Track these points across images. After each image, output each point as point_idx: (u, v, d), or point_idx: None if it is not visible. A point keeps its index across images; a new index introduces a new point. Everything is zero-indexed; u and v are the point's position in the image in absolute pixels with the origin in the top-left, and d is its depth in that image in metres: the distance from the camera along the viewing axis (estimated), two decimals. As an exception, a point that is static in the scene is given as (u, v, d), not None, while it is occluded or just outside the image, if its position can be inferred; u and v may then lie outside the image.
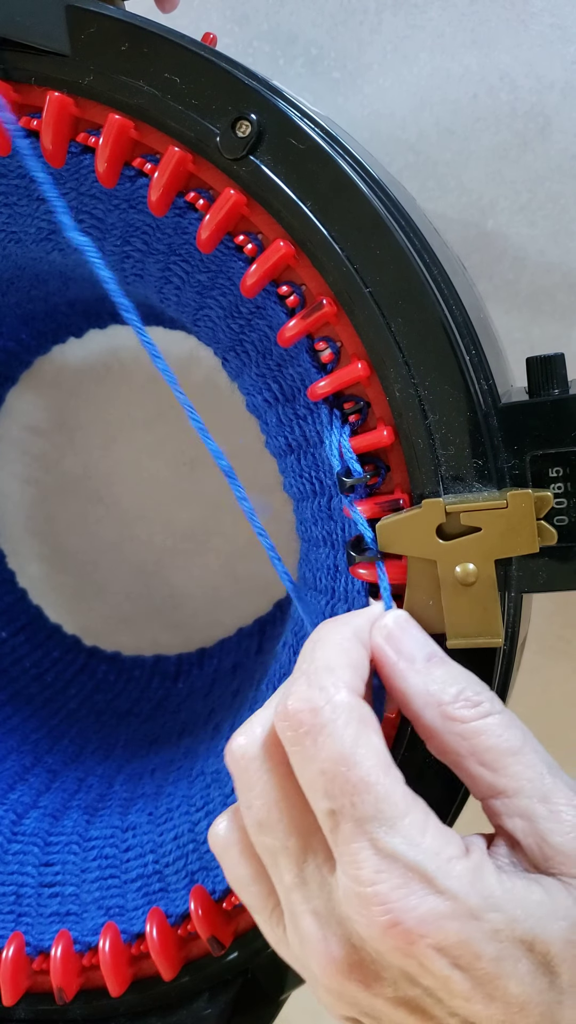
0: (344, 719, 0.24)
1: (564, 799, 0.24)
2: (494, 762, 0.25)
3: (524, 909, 0.23)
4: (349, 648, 0.26)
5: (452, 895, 0.22)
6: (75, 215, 0.32)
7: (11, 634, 0.53)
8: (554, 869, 0.24)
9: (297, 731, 0.24)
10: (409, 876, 0.22)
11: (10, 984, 0.34)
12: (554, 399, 0.27)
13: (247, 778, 0.26)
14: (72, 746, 0.47)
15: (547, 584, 0.28)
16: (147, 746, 0.47)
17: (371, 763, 0.23)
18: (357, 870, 0.23)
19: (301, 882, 0.24)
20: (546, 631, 0.47)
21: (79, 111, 0.30)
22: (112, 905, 0.35)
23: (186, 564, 0.55)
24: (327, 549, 0.34)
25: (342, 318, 0.28)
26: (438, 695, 0.25)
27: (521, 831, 0.24)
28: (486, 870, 0.23)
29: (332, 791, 0.23)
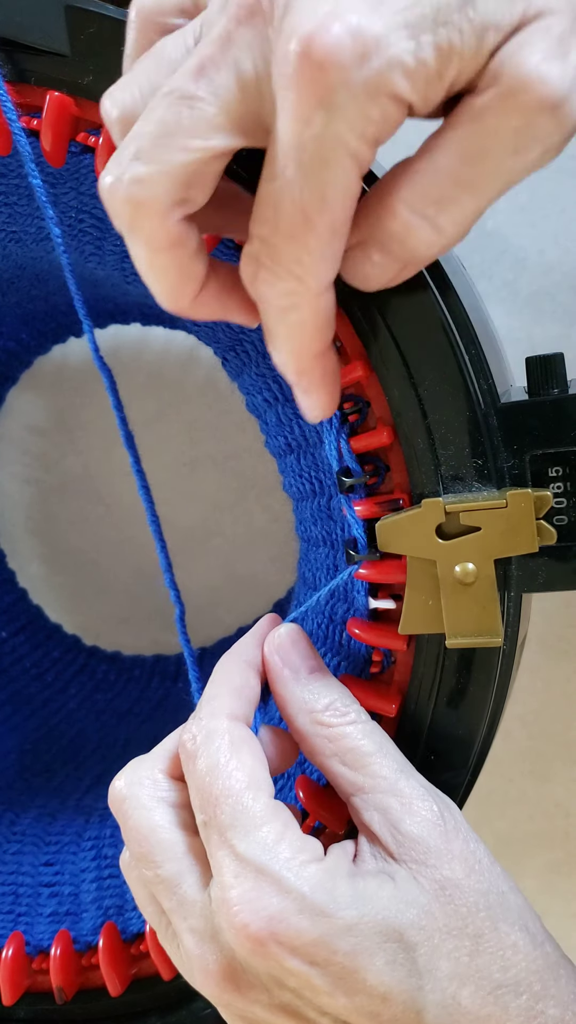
0: (217, 742, 0.26)
1: (415, 794, 0.26)
2: (354, 762, 0.27)
3: (375, 903, 0.24)
4: (231, 673, 0.29)
5: (299, 895, 0.24)
6: (75, 214, 0.32)
7: (11, 634, 0.53)
8: (406, 856, 0.25)
9: (184, 759, 0.27)
10: (260, 879, 0.24)
11: (10, 984, 0.34)
12: (553, 399, 0.27)
13: (120, 817, 0.28)
14: (72, 746, 0.47)
15: (547, 584, 0.28)
16: (147, 746, 0.47)
17: (236, 776, 0.26)
18: (220, 876, 0.25)
19: (178, 904, 0.26)
20: (546, 631, 0.47)
21: (79, 111, 0.30)
22: (111, 905, 0.35)
23: (186, 564, 0.55)
24: (326, 549, 0.34)
25: (341, 319, 0.28)
26: (311, 703, 0.28)
27: (377, 823, 0.26)
28: (338, 872, 0.25)
29: (201, 803, 0.26)
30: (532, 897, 0.48)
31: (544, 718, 0.49)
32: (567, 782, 0.50)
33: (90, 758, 0.46)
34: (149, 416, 0.53)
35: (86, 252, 0.34)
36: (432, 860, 0.25)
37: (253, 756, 0.27)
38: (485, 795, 0.51)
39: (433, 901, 0.25)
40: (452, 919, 0.24)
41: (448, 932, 0.24)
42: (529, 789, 0.51)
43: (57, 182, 0.32)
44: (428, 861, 0.25)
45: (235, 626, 0.54)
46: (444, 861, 0.25)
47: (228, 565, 0.54)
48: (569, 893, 0.51)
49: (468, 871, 0.25)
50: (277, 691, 0.29)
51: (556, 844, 0.51)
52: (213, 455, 0.53)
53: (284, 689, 0.29)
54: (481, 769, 0.30)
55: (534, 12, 0.20)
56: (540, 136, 0.21)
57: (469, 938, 0.24)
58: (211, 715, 0.27)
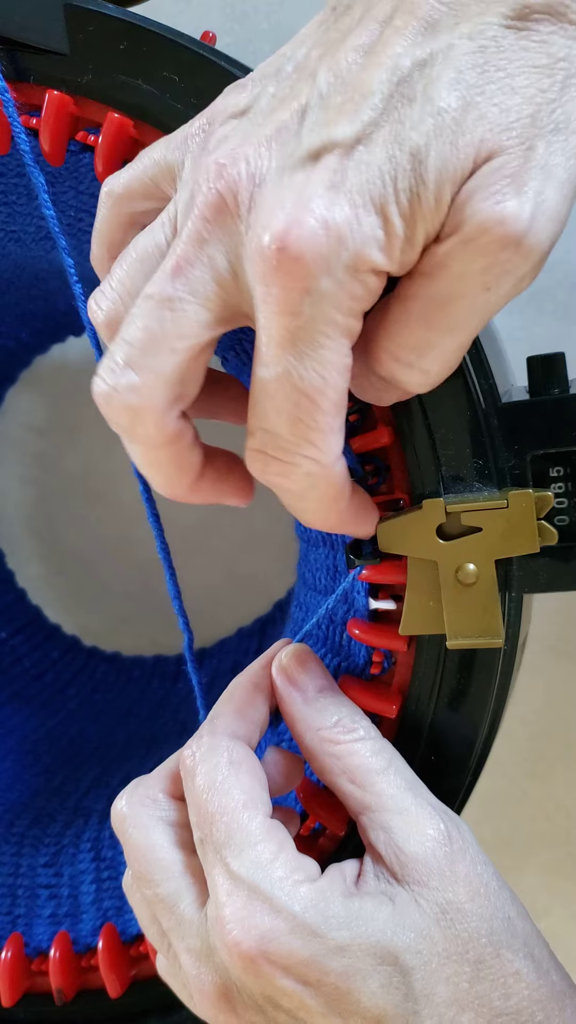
0: (214, 760, 0.27)
1: (422, 813, 0.26)
2: (361, 780, 0.27)
3: (370, 925, 0.24)
4: (236, 695, 0.29)
5: (290, 914, 0.24)
6: (75, 214, 0.32)
7: (11, 634, 0.52)
8: (408, 877, 0.25)
9: (184, 775, 0.27)
10: (252, 898, 0.24)
11: (10, 985, 0.34)
12: (555, 398, 0.27)
13: (121, 836, 0.28)
14: (72, 746, 0.47)
15: (548, 584, 0.27)
16: (146, 746, 0.47)
17: (232, 795, 0.26)
18: (215, 894, 0.25)
19: (176, 923, 0.26)
20: (547, 631, 0.47)
21: (78, 110, 0.30)
22: (110, 906, 0.35)
23: (186, 564, 0.55)
24: (326, 549, 0.34)
25: None
26: (319, 721, 0.28)
27: (382, 843, 0.26)
28: (333, 892, 0.25)
29: (198, 820, 0.26)
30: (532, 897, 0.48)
31: (545, 718, 0.49)
32: (568, 782, 0.50)
33: (89, 759, 0.46)
34: (149, 416, 0.53)
35: (86, 251, 0.33)
36: (435, 882, 0.25)
37: (251, 775, 0.27)
38: (486, 795, 0.51)
39: (433, 925, 0.24)
40: (452, 944, 0.24)
41: (448, 957, 0.24)
42: (530, 789, 0.50)
43: (56, 181, 0.31)
44: (430, 883, 0.25)
45: (235, 626, 0.54)
46: (447, 884, 0.25)
47: (228, 565, 0.54)
48: (569, 893, 0.51)
49: (472, 895, 0.25)
50: (286, 711, 0.29)
51: (557, 844, 0.51)
52: (213, 455, 0.53)
53: (292, 708, 0.28)
54: (482, 770, 0.30)
55: (485, 154, 0.20)
56: (509, 271, 0.21)
57: (470, 964, 0.24)
58: (212, 733, 0.27)
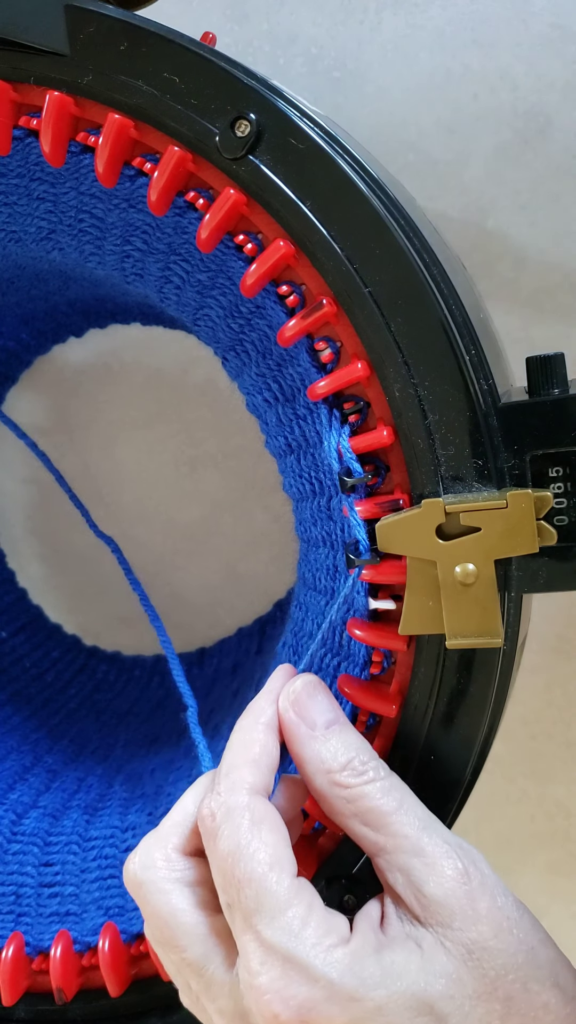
0: (236, 820, 0.26)
1: (439, 852, 0.26)
2: (375, 822, 0.27)
3: (404, 979, 0.24)
4: (251, 742, 0.28)
5: (327, 982, 0.24)
6: (75, 214, 0.32)
7: (11, 634, 0.52)
8: (431, 919, 0.25)
9: (204, 836, 0.27)
10: (288, 967, 0.24)
11: (10, 984, 0.34)
12: (554, 399, 0.27)
13: (139, 900, 0.27)
14: (72, 746, 0.47)
15: (547, 584, 0.28)
16: (147, 745, 0.47)
17: (258, 858, 0.25)
18: (247, 961, 0.24)
19: (205, 986, 0.26)
20: (547, 631, 0.47)
21: (79, 110, 0.30)
22: (112, 905, 0.35)
23: (186, 564, 0.55)
24: (326, 550, 0.34)
25: (342, 318, 0.28)
26: (329, 763, 0.28)
27: (401, 885, 0.26)
28: (365, 951, 0.24)
29: (224, 885, 0.25)
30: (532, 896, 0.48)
31: (545, 718, 0.49)
32: (568, 782, 0.50)
33: (91, 758, 0.46)
34: (149, 416, 0.53)
35: (86, 252, 0.34)
36: (458, 923, 0.25)
37: (274, 833, 0.26)
38: (486, 795, 0.51)
39: (461, 966, 0.24)
40: (481, 983, 0.24)
41: (478, 997, 0.24)
42: (530, 789, 0.51)
43: (57, 182, 0.32)
44: (454, 924, 0.25)
45: (235, 626, 0.54)
46: (470, 923, 0.25)
47: (228, 565, 0.54)
48: (569, 893, 0.51)
49: (496, 931, 0.25)
50: (294, 750, 0.28)
51: (557, 844, 0.51)
52: (213, 455, 0.53)
53: (301, 748, 0.28)
54: (482, 769, 0.30)
55: None
56: None
57: (499, 1001, 0.24)
58: (230, 790, 0.27)
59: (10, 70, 0.29)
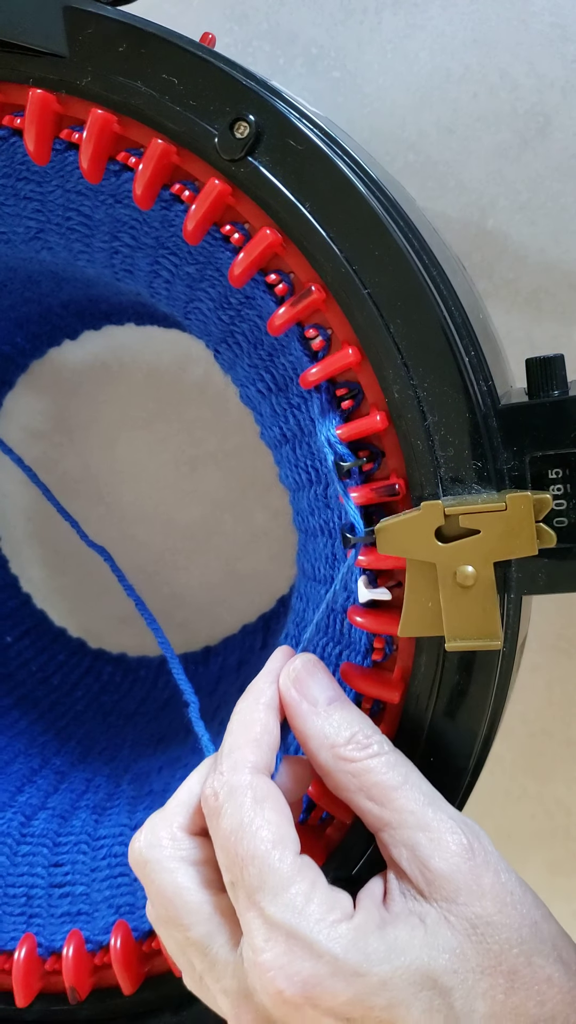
0: (239, 799, 0.26)
1: (443, 827, 0.26)
2: (380, 796, 0.27)
3: (408, 954, 0.24)
4: (253, 721, 0.28)
5: (332, 957, 0.24)
6: (62, 212, 0.32)
7: (16, 638, 0.52)
8: (436, 894, 0.25)
9: (207, 815, 0.27)
10: (292, 943, 0.24)
11: (24, 985, 0.34)
12: (554, 400, 0.27)
13: (143, 879, 0.28)
14: (79, 747, 0.47)
15: (547, 586, 0.28)
16: (154, 745, 0.47)
17: (261, 836, 0.25)
18: (250, 938, 0.25)
19: (209, 966, 0.26)
20: (547, 631, 0.47)
21: (62, 108, 0.30)
22: (123, 903, 0.35)
23: (187, 564, 0.55)
24: (324, 538, 0.34)
25: (331, 305, 0.28)
26: (332, 738, 0.28)
27: (406, 860, 0.26)
28: (369, 926, 0.25)
29: (228, 864, 0.26)
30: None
31: (545, 716, 0.49)
32: (568, 780, 0.50)
33: (98, 758, 0.46)
34: (149, 416, 0.53)
35: (75, 250, 0.34)
36: (462, 898, 0.25)
37: (277, 812, 0.26)
38: (486, 793, 0.51)
39: (465, 941, 0.24)
40: (485, 958, 0.24)
41: (482, 972, 0.24)
42: (530, 787, 0.51)
43: (43, 180, 0.31)
44: (458, 899, 0.25)
45: (237, 624, 0.54)
46: (474, 898, 0.25)
47: (229, 563, 0.54)
48: (569, 892, 0.51)
49: (500, 906, 0.25)
50: (296, 727, 0.28)
51: (557, 843, 0.51)
52: (213, 454, 0.53)
53: (304, 724, 0.28)
54: (482, 768, 0.30)
55: None
56: None
57: (503, 976, 0.24)
58: (233, 769, 0.27)
59: (8, 72, 0.29)
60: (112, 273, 0.34)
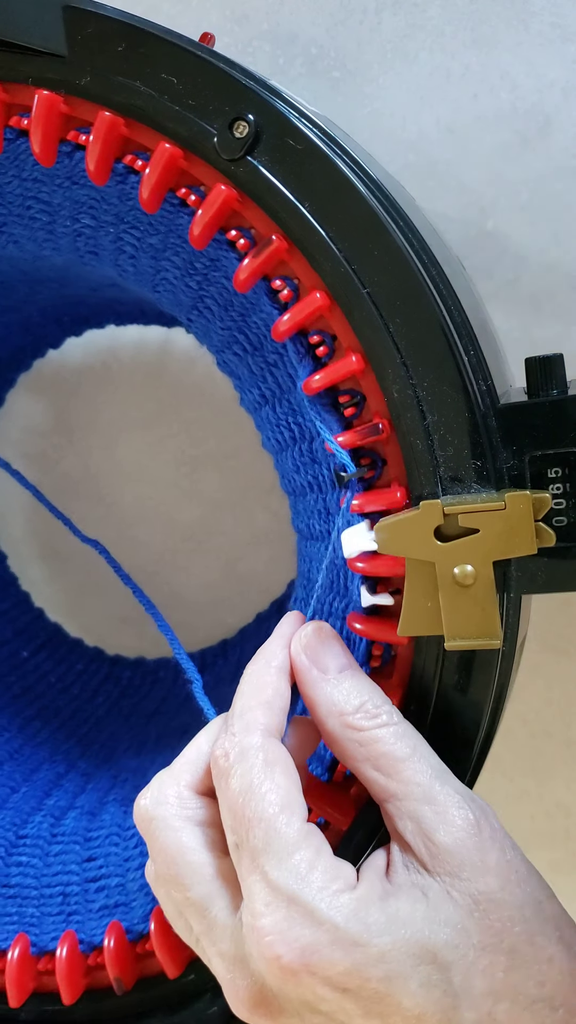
0: (250, 761, 0.26)
1: (450, 801, 0.26)
2: (387, 767, 0.26)
3: (409, 927, 0.24)
4: (264, 684, 0.28)
5: (332, 926, 0.24)
6: (22, 202, 0.33)
7: (32, 652, 0.52)
8: (440, 868, 0.25)
9: (216, 775, 0.27)
10: (292, 909, 0.24)
11: (69, 983, 0.33)
12: (553, 400, 0.27)
13: (148, 837, 0.27)
14: (104, 749, 0.47)
15: (546, 585, 0.27)
16: (179, 736, 0.47)
17: (269, 799, 0.25)
18: (251, 903, 0.24)
19: (207, 928, 0.26)
20: (547, 630, 0.47)
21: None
22: None
23: (187, 564, 0.55)
24: (315, 494, 0.33)
25: (295, 254, 0.28)
26: (341, 706, 0.27)
27: (410, 832, 0.26)
28: (371, 898, 0.24)
29: (234, 825, 0.25)
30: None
31: (545, 717, 0.49)
32: (568, 781, 0.50)
33: (124, 756, 0.46)
34: (149, 416, 0.53)
35: (39, 239, 0.34)
36: (466, 873, 0.25)
37: (287, 776, 0.26)
38: (486, 794, 0.50)
39: (467, 917, 0.24)
40: (487, 935, 0.24)
41: (483, 948, 0.24)
42: (530, 788, 0.50)
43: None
44: (462, 875, 0.25)
45: (236, 626, 0.54)
46: (479, 874, 0.25)
47: (229, 564, 0.54)
48: (570, 891, 0.51)
49: (503, 883, 0.25)
50: (306, 693, 0.28)
51: (557, 843, 0.51)
52: (213, 455, 0.53)
53: (313, 691, 0.28)
54: (482, 768, 0.30)
55: None
56: None
57: (504, 954, 0.24)
58: (244, 731, 0.27)
59: (8, 72, 0.29)
60: (78, 257, 0.34)
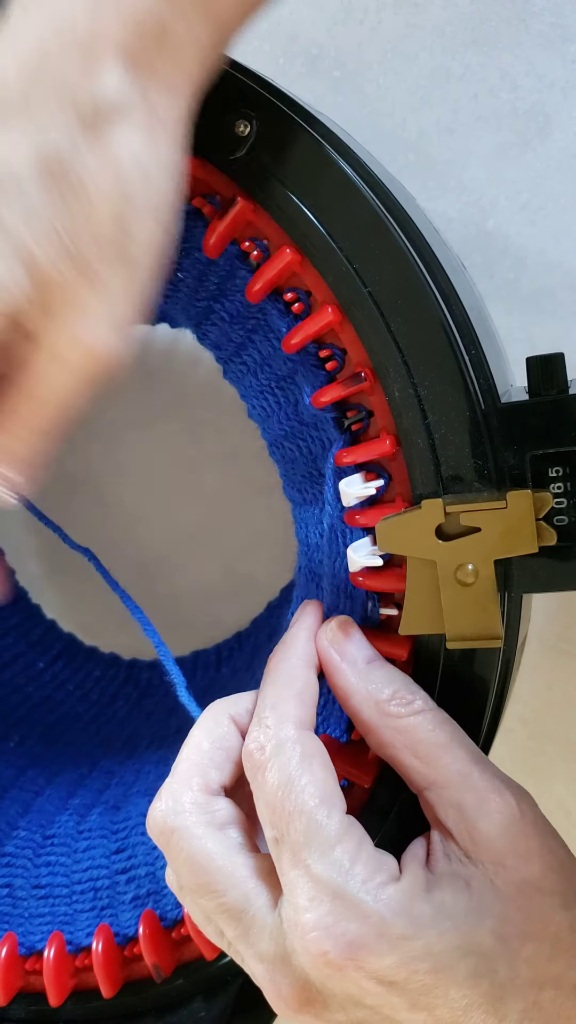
0: (287, 754, 0.26)
1: (491, 787, 0.26)
2: (426, 755, 0.26)
3: (454, 918, 0.24)
4: (294, 677, 0.28)
5: (379, 919, 0.23)
6: None
7: (48, 663, 0.52)
8: (482, 856, 0.25)
9: (251, 769, 0.26)
10: (338, 903, 0.23)
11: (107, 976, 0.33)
12: (554, 398, 0.27)
13: (168, 848, 0.26)
14: (126, 746, 0.47)
15: (547, 584, 0.27)
16: None
17: (309, 792, 0.25)
18: (294, 898, 0.24)
19: (243, 931, 0.25)
20: (548, 631, 0.47)
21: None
22: None
23: (187, 564, 0.55)
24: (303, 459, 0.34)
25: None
26: (375, 694, 0.27)
27: (453, 820, 0.25)
28: (415, 889, 0.24)
29: (273, 819, 0.25)
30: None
31: (545, 718, 0.49)
32: (568, 782, 0.50)
33: (146, 751, 0.46)
34: (150, 416, 0.53)
35: None
36: (509, 861, 0.24)
37: (325, 768, 0.26)
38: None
39: (511, 905, 0.24)
40: (530, 923, 0.24)
41: (526, 937, 0.24)
42: (530, 788, 0.50)
43: None
44: (505, 862, 0.24)
45: (234, 627, 0.54)
46: (521, 861, 0.25)
47: (228, 565, 0.54)
48: (570, 893, 0.51)
49: (545, 870, 0.25)
50: (338, 684, 0.28)
51: (557, 844, 0.50)
52: (213, 455, 0.53)
53: (345, 682, 0.28)
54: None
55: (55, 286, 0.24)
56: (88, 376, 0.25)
57: (547, 942, 0.24)
58: (279, 723, 0.26)
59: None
60: None
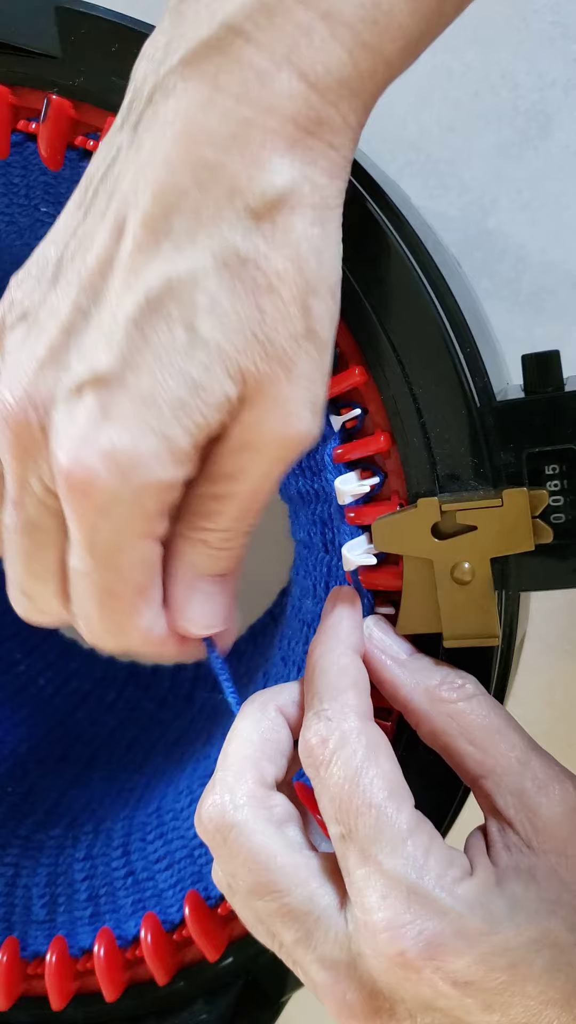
0: (352, 746, 0.24)
1: (549, 774, 0.25)
2: (482, 740, 0.26)
3: (527, 913, 0.23)
4: (345, 666, 0.27)
5: (457, 915, 0.22)
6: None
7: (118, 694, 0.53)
8: (545, 844, 0.24)
9: (313, 764, 0.25)
10: (413, 900, 0.23)
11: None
12: (550, 396, 0.27)
13: (223, 846, 0.25)
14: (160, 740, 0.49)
15: (544, 583, 0.27)
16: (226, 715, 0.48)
17: (377, 785, 0.24)
18: (364, 897, 0.23)
19: (305, 934, 0.24)
20: (548, 631, 0.47)
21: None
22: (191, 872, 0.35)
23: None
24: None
25: None
26: (425, 681, 0.27)
27: (513, 808, 0.25)
28: (490, 884, 0.23)
29: (340, 816, 0.24)
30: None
31: (546, 719, 0.48)
32: (573, 783, 0.50)
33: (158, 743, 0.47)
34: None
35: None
36: (571, 850, 0.24)
37: (391, 760, 0.25)
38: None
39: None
40: None
41: None
42: (535, 790, 0.50)
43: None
44: (568, 851, 0.24)
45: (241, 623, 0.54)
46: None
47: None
48: None
49: None
50: (384, 679, 0.27)
51: (562, 845, 0.50)
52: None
53: (392, 675, 0.27)
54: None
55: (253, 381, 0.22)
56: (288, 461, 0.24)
57: None
58: (341, 714, 0.25)
59: (5, 73, 0.30)
60: None
